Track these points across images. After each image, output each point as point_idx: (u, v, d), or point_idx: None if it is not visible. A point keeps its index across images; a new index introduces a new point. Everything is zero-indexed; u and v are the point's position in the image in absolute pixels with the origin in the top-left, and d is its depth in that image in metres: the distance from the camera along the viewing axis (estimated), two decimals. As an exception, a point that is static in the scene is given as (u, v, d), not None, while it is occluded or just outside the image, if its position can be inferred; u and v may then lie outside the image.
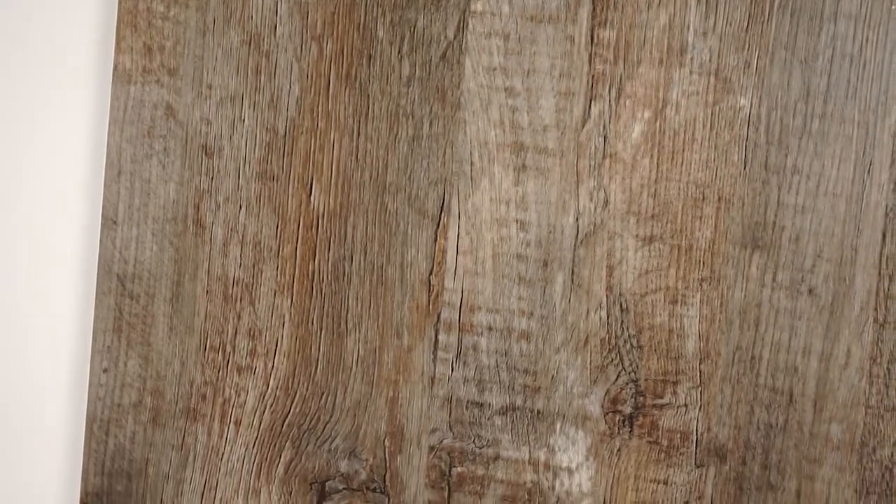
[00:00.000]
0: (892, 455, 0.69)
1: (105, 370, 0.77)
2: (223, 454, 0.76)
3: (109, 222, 0.77)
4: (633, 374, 0.72)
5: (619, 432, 0.72)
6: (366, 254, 0.74)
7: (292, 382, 0.75)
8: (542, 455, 0.73)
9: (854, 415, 0.70)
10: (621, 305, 0.71)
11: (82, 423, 0.79)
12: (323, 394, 0.75)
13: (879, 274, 0.69)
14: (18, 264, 0.80)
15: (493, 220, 0.72)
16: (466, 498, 0.74)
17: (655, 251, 0.71)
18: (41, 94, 0.79)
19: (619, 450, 0.72)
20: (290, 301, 0.75)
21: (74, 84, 0.79)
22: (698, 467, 0.71)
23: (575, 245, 0.72)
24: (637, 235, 0.71)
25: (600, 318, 0.72)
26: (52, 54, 0.79)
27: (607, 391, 0.72)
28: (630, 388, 0.72)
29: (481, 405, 0.73)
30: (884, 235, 0.69)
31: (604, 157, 0.71)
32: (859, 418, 0.70)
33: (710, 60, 0.70)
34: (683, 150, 0.71)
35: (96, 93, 0.79)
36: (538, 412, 0.73)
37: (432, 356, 0.74)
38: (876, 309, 0.69)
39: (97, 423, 0.77)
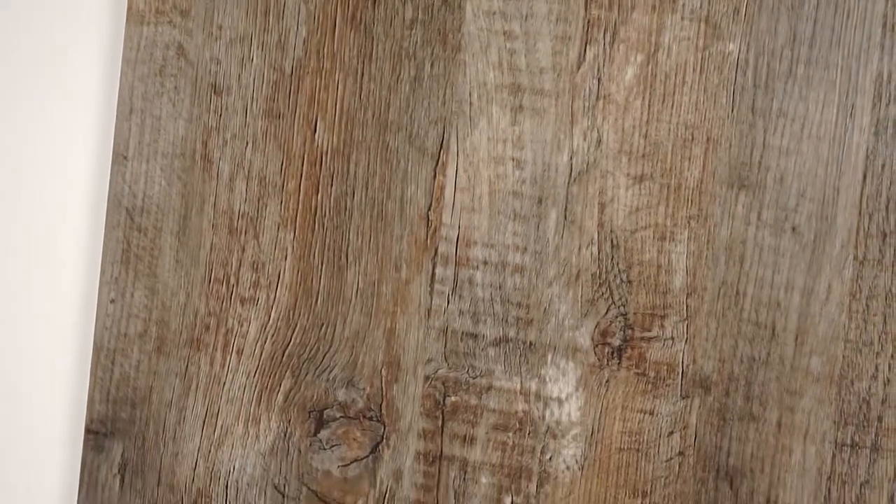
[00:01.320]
0: (869, 388, 0.72)
1: (112, 301, 0.80)
2: (225, 383, 0.79)
3: (120, 158, 0.79)
4: (622, 307, 0.74)
5: (607, 364, 0.75)
6: (367, 190, 0.77)
7: (293, 314, 0.78)
8: (533, 385, 0.75)
9: (833, 348, 0.73)
10: (612, 241, 0.74)
11: (89, 352, 0.82)
12: (323, 325, 0.78)
13: (860, 213, 0.72)
14: (30, 199, 0.83)
15: (490, 158, 0.75)
16: (460, 426, 0.76)
17: (646, 189, 0.74)
18: (57, 34, 0.82)
19: (607, 381, 0.75)
20: (292, 235, 0.77)
21: (88, 25, 0.82)
22: (683, 398, 0.74)
23: (568, 183, 0.75)
24: (628, 174, 0.74)
25: (591, 254, 0.75)
26: (67, -3, 0.82)
27: (597, 324, 0.75)
28: (619, 322, 0.75)
29: (475, 336, 0.76)
30: (864, 176, 0.72)
31: (597, 98, 0.74)
32: (838, 352, 0.73)
33: (700, 7, 0.73)
34: (674, 93, 0.73)
35: (110, 34, 0.82)
36: (530, 344, 0.75)
37: (429, 289, 0.76)
38: (856, 247, 0.72)
39: (104, 352, 0.80)
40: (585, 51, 0.74)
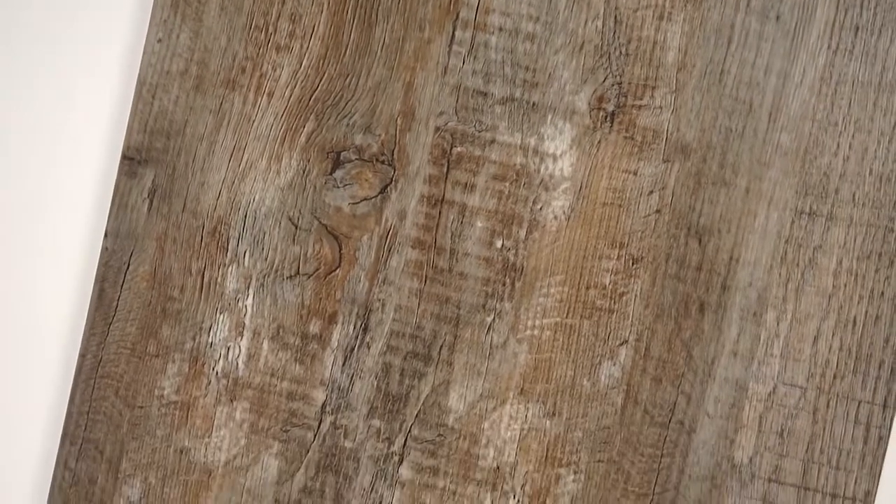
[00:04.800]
0: (830, 163, 0.81)
1: (159, 40, 0.88)
2: (254, 121, 0.87)
3: (179, -87, 0.88)
4: (618, 77, 0.83)
5: (600, 127, 0.84)
6: (401, -44, 0.85)
7: (323, 63, 0.86)
8: (532, 141, 0.84)
9: (802, 126, 0.82)
10: (616, 17, 0.83)
11: (132, 89, 0.90)
12: (348, 75, 0.86)
13: (837, 7, 0.81)
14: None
15: (514, -65, 0.84)
16: (462, 174, 0.85)
17: (650, -26, 0.83)
18: None
19: (599, 142, 0.84)
20: (329, -9, 0.86)
21: None
22: (665, 162, 0.83)
23: (582, -37, 0.84)
24: (636, -41, 0.83)
25: (596, 28, 0.83)
26: None
27: (595, 90, 0.84)
28: (615, 90, 0.83)
29: (485, 94, 0.85)
30: (844, -24, 0.81)
31: None
32: (806, 130, 0.82)
33: None
34: None
35: None
36: (533, 104, 0.84)
37: (448, 49, 0.85)
38: (831, 37, 0.81)
39: (146, 86, 0.88)
40: None
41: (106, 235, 0.88)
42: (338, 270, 0.86)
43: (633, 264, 0.83)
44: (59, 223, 0.91)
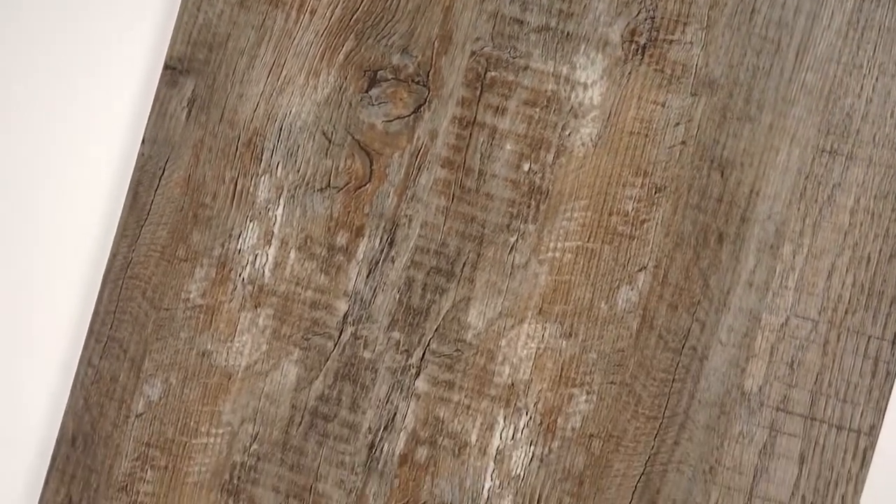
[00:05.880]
0: (852, 104, 0.84)
1: (208, -45, 0.91)
2: (295, 38, 0.90)
3: None
4: (651, 11, 0.86)
5: (631, 59, 0.86)
6: None
7: (365, -16, 0.89)
8: (564, 70, 0.87)
9: (827, 68, 0.84)
10: (652, -47, 0.86)
11: (177, 1, 0.93)
12: (389, -3, 0.89)
13: (868, -46, 0.84)
14: None
15: None
16: (494, 98, 0.87)
17: (688, -87, 0.86)
18: None
19: (629, 73, 0.86)
20: (376, -84, 0.89)
21: None
22: (692, 95, 0.85)
23: None
24: None
25: (633, -37, 0.86)
26: None
27: (628, 23, 0.86)
28: (647, 24, 0.86)
29: (521, 22, 0.87)
30: (876, -75, 0.84)
31: None
32: (832, 71, 0.84)
33: None
34: None
35: None
36: (567, 34, 0.87)
37: (487, -23, 0.88)
38: (860, -17, 0.84)
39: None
40: None
41: (143, 142, 0.90)
42: (367, 185, 0.88)
43: (655, 193, 0.85)
44: (99, 130, 0.93)
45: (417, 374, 0.87)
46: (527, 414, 0.86)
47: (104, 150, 0.93)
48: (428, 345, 0.87)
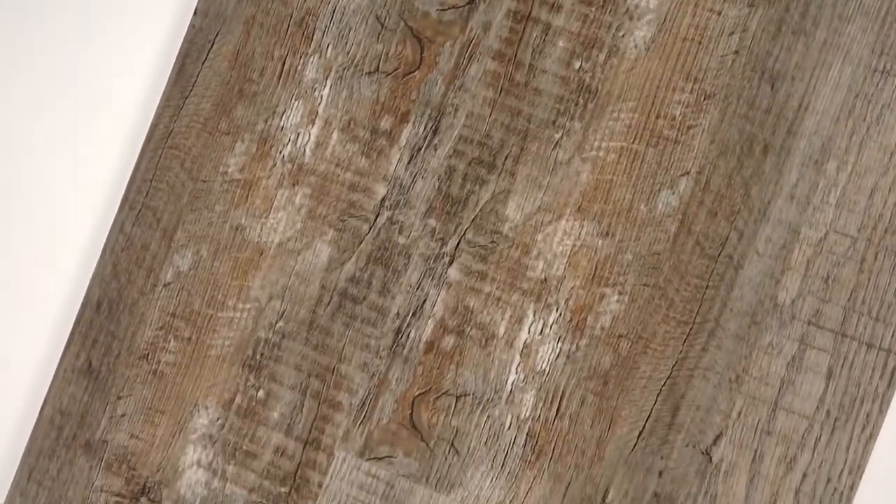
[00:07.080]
0: (909, 26, 0.84)
1: None
2: (356, -78, 0.90)
3: None
4: (715, -80, 0.86)
5: (691, -34, 0.86)
6: None
7: None
8: (623, -28, 0.87)
9: (886, -12, 0.84)
10: None
11: None
12: None
13: None
14: None
15: None
16: (551, -5, 0.87)
17: None
18: None
19: (687, -20, 0.86)
20: None
21: None
22: (749, 6, 0.85)
23: None
24: None
25: None
26: None
27: (691, -70, 0.86)
28: (710, -68, 0.86)
29: (584, -79, 0.87)
30: None
31: None
32: (890, -8, 0.84)
33: None
34: None
35: None
36: (629, -64, 0.87)
37: None
38: None
39: None
40: None
41: (195, 13, 0.90)
42: (416, 72, 0.88)
43: (704, 99, 0.85)
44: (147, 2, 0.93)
45: (450, 263, 0.87)
46: (557, 310, 0.85)
47: (154, 23, 0.93)
48: (464, 234, 0.87)
